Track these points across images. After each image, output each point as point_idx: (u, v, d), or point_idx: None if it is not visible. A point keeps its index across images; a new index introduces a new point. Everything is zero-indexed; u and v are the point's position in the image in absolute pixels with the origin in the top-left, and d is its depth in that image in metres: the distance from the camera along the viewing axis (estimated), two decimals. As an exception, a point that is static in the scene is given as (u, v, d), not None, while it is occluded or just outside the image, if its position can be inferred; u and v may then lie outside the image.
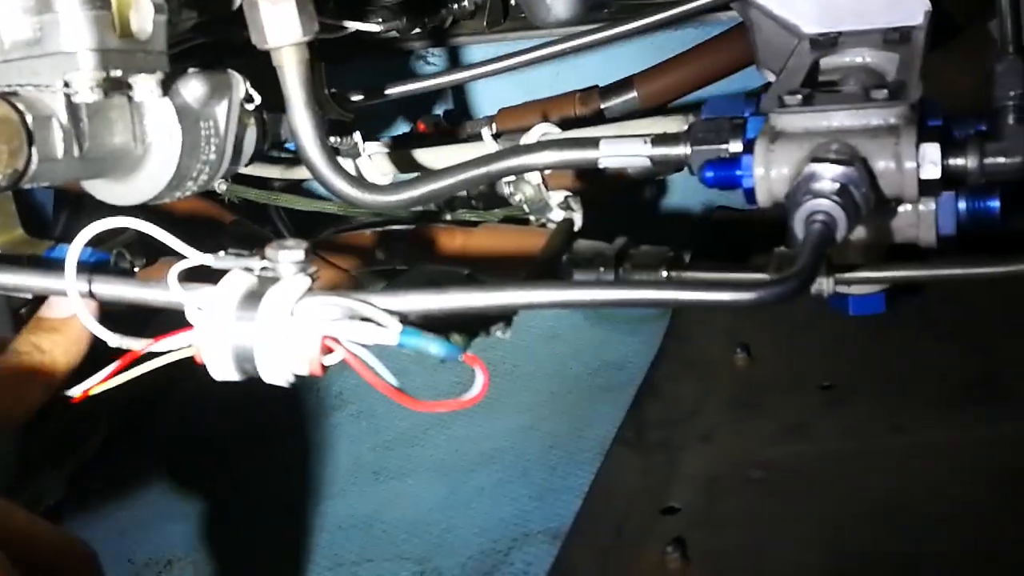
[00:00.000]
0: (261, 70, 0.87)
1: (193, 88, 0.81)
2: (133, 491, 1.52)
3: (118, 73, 0.74)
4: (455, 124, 1.60)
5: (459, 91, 1.72)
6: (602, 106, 1.50)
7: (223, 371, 0.58)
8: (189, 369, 0.62)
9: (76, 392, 0.66)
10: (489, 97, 1.69)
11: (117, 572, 1.40)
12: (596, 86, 1.51)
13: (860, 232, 0.87)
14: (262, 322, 0.57)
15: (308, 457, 1.51)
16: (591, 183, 1.15)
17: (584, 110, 1.48)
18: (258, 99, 0.87)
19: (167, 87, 0.79)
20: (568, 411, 1.46)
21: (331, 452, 1.52)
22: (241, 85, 0.85)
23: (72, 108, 0.73)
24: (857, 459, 1.10)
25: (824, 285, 0.86)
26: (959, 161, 0.77)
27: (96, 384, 0.64)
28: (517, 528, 1.28)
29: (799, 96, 0.79)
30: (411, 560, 1.29)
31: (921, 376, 1.20)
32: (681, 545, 1.04)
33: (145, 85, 0.76)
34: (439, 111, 1.69)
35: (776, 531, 1.04)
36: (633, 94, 1.48)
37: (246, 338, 0.57)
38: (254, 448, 1.56)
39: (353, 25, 1.14)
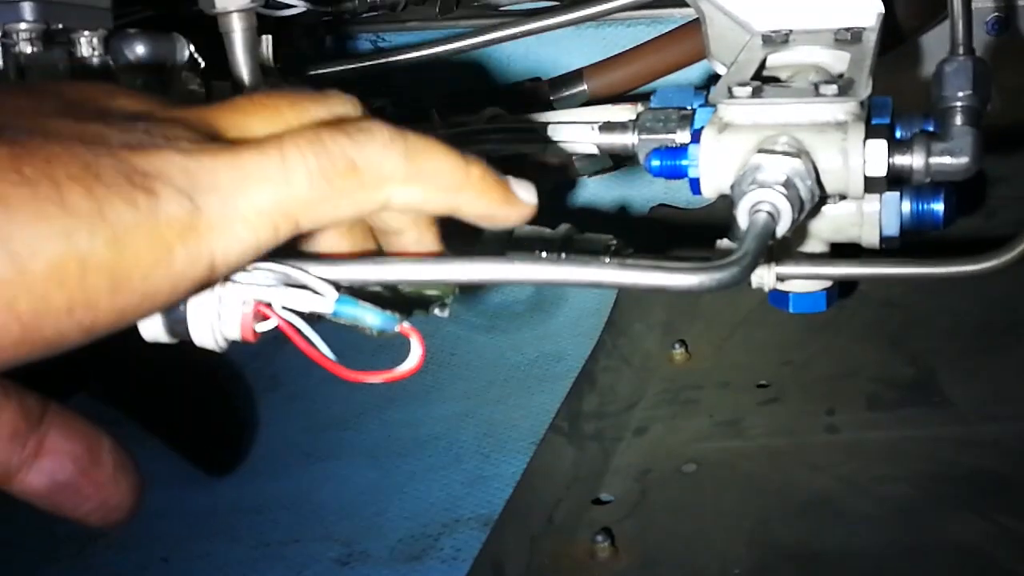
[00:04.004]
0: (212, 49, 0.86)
1: (136, 48, 0.80)
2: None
3: (59, 27, 0.73)
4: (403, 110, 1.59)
5: (409, 78, 1.71)
6: (551, 97, 1.50)
7: (152, 331, 0.57)
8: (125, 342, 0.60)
9: None
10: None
11: (38, 547, 1.38)
12: (540, 77, 1.52)
13: (803, 228, 0.88)
14: (195, 283, 0.55)
15: (238, 436, 1.50)
16: (535, 172, 1.15)
17: (533, 100, 1.48)
18: (203, 64, 0.86)
19: (110, 46, 0.78)
20: (504, 400, 1.46)
21: (262, 432, 1.51)
22: (185, 48, 0.84)
23: (11, 59, 0.72)
24: (789, 456, 1.11)
25: (765, 278, 0.86)
26: (905, 159, 0.77)
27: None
28: (448, 513, 1.28)
29: (748, 88, 0.79)
30: (339, 542, 1.29)
31: (857, 377, 1.20)
32: (610, 534, 1.04)
33: (87, 42, 0.75)
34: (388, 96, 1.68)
35: (705, 524, 1.04)
36: (583, 87, 1.49)
37: (178, 298, 0.55)
38: (182, 425, 1.54)
39: (304, 4, 1.13)
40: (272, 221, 0.47)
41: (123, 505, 0.55)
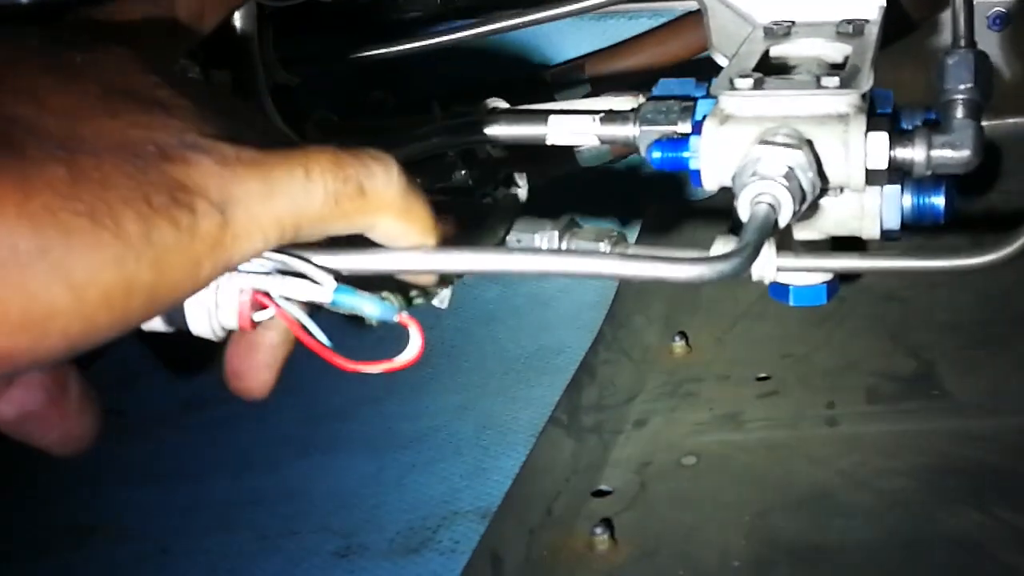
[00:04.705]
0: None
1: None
2: (54, 457, 1.49)
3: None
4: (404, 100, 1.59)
5: (409, 67, 1.71)
6: (552, 88, 1.49)
7: (150, 322, 0.56)
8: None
9: None
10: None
11: (36, 538, 1.37)
12: (543, 66, 1.52)
13: (803, 221, 0.88)
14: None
15: (235, 429, 1.49)
16: (536, 163, 1.15)
17: (534, 90, 1.48)
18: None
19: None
20: (503, 393, 1.46)
21: (259, 425, 1.50)
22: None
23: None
24: (788, 449, 1.11)
25: (766, 271, 0.85)
26: (906, 152, 0.77)
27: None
28: (446, 506, 1.28)
29: (750, 80, 0.79)
30: (337, 534, 1.28)
31: (856, 370, 1.20)
32: (610, 526, 1.04)
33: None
34: (388, 88, 1.68)
35: (704, 516, 1.04)
36: (584, 77, 1.49)
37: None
38: (180, 418, 1.54)
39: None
40: (282, 229, 0.50)
41: (86, 435, 0.58)
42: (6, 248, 0.40)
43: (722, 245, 0.88)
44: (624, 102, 0.97)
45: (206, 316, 0.55)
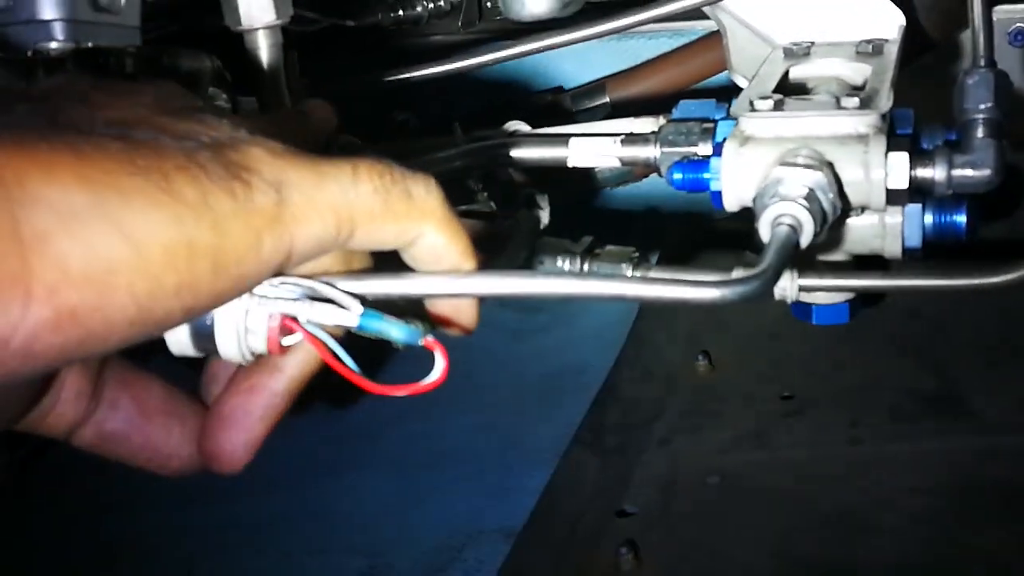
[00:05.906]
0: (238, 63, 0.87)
1: (164, 64, 0.81)
2: (81, 481, 1.50)
3: (89, 45, 0.74)
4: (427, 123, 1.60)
5: (432, 90, 1.72)
6: (573, 109, 1.50)
7: (179, 345, 0.57)
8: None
9: None
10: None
11: (63, 558, 1.38)
12: (562, 87, 1.52)
13: (825, 240, 0.88)
14: (222, 298, 0.56)
15: (260, 449, 1.49)
16: (557, 184, 1.15)
17: (555, 112, 1.49)
18: (230, 79, 0.87)
19: (138, 63, 0.79)
20: (526, 412, 1.46)
21: (284, 444, 1.50)
22: (212, 64, 0.85)
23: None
24: (813, 469, 1.11)
25: (788, 291, 0.86)
26: (927, 172, 0.77)
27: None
28: (471, 525, 1.27)
29: (770, 101, 0.79)
30: (362, 554, 1.28)
31: (880, 389, 1.20)
32: (634, 547, 1.04)
33: (116, 59, 0.76)
34: (410, 111, 1.69)
35: (729, 536, 1.04)
36: (605, 99, 1.49)
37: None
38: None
39: (327, 20, 1.14)
40: (337, 220, 0.50)
41: (180, 452, 0.58)
42: (62, 205, 0.41)
43: (743, 267, 0.89)
44: (645, 124, 0.98)
45: (236, 340, 0.55)
